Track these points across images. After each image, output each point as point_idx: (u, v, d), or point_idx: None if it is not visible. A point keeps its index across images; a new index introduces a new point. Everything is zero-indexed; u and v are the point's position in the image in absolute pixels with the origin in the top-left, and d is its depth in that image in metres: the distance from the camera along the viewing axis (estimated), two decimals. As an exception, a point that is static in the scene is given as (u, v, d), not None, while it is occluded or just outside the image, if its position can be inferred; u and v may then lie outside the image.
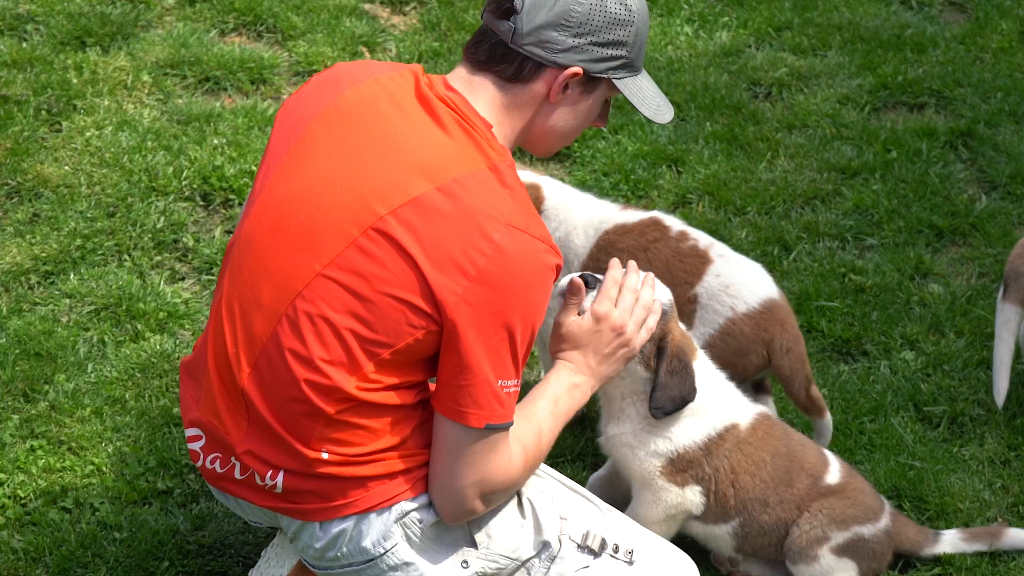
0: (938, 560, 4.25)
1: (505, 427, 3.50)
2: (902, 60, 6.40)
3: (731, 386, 4.10)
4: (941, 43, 6.53)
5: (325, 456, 3.51)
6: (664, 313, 3.92)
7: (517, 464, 3.61)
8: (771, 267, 5.27)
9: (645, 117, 3.78)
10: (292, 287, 3.49)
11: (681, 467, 4.03)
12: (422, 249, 3.41)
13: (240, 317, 3.56)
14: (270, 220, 3.57)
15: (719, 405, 4.05)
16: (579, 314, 3.85)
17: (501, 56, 3.57)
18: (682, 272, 4.46)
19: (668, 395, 3.93)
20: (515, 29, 3.54)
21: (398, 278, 3.42)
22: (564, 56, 3.56)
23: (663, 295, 3.95)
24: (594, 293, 3.85)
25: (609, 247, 4.50)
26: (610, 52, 3.61)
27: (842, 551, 4.08)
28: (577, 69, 3.57)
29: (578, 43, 3.56)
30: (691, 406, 3.98)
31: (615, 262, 3.90)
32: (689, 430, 4.02)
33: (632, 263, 3.90)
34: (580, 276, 3.92)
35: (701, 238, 4.52)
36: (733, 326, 4.43)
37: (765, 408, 4.15)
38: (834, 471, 4.14)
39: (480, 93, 3.60)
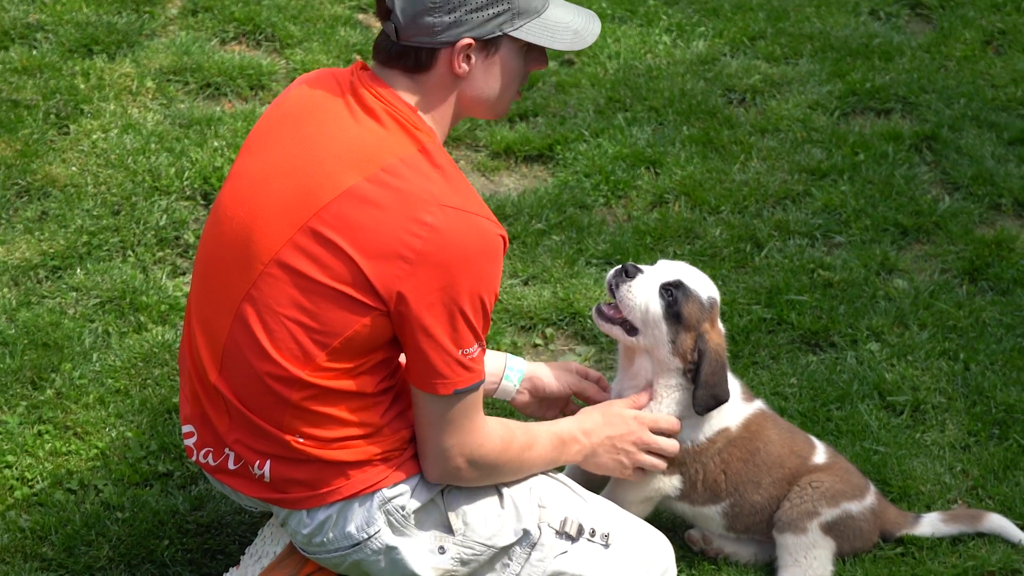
0: (900, 539, 4.26)
1: (474, 388, 3.51)
2: (870, 68, 6.41)
3: (736, 384, 4.12)
4: (907, 52, 6.55)
5: (301, 440, 3.53)
6: (704, 306, 3.95)
7: (495, 438, 3.63)
8: (743, 263, 5.30)
9: (563, 51, 3.70)
10: (240, 289, 3.51)
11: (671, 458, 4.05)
12: (356, 243, 3.40)
13: (203, 321, 3.61)
14: (215, 232, 3.61)
15: (714, 414, 4.06)
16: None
17: (399, 53, 3.51)
18: None
19: (710, 393, 3.93)
20: (396, 27, 3.48)
21: (335, 273, 3.42)
22: (447, 34, 3.47)
23: (709, 290, 3.98)
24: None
25: None
26: (490, 12, 3.49)
27: (829, 528, 4.09)
28: (466, 40, 3.49)
29: (455, 18, 3.46)
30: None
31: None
32: (692, 429, 4.04)
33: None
34: (623, 267, 3.96)
35: None
36: None
37: (760, 404, 4.17)
38: (820, 452, 4.17)
39: (397, 84, 3.54)
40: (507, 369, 4.09)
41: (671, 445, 3.96)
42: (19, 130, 5.71)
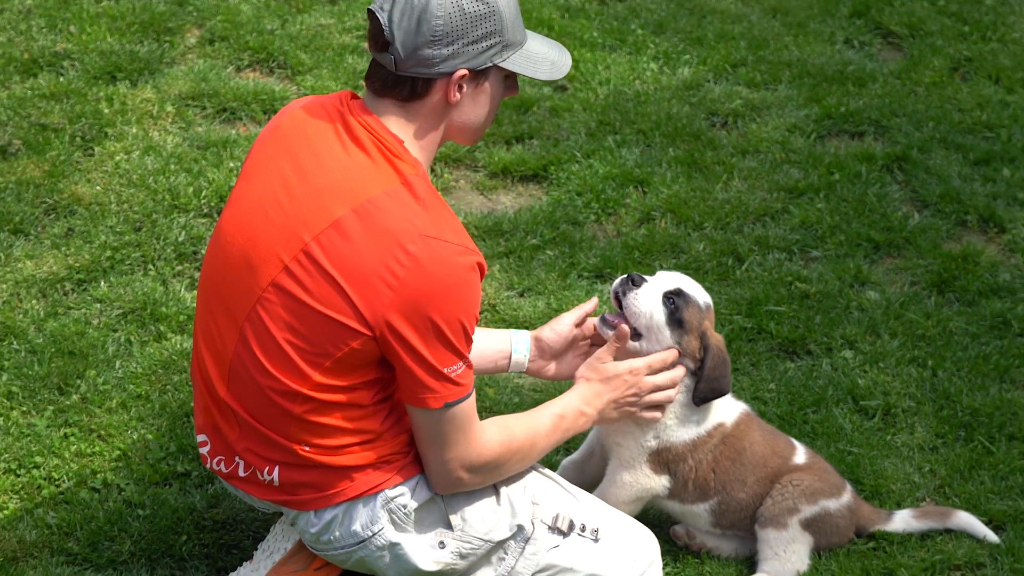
0: (872, 535, 4.28)
1: (464, 399, 3.52)
2: (844, 93, 6.42)
3: None
4: (879, 78, 6.56)
5: (307, 449, 3.54)
6: (702, 310, 3.98)
7: (493, 444, 3.63)
8: (725, 276, 5.31)
9: (541, 80, 3.73)
10: (240, 312, 3.53)
11: (666, 459, 4.06)
12: (344, 271, 3.43)
13: (208, 341, 3.63)
14: (217, 256, 3.63)
15: (712, 406, 4.09)
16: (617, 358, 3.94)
17: (394, 83, 3.53)
18: None
19: (711, 387, 3.96)
20: (395, 59, 3.50)
21: (325, 299, 3.44)
22: (445, 65, 3.50)
23: (704, 296, 4.02)
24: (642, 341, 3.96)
25: None
26: (484, 44, 3.52)
27: (808, 524, 4.11)
28: (462, 71, 3.52)
29: (452, 50, 3.49)
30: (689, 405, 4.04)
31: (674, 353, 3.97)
32: (680, 428, 4.06)
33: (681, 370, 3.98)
34: (629, 277, 3.98)
35: None
36: None
37: (745, 406, 4.20)
38: (800, 453, 4.19)
39: (387, 114, 3.56)
40: (513, 344, 4.09)
41: (674, 375, 3.96)
42: (47, 152, 5.72)
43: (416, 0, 3.47)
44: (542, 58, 3.64)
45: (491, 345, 4.07)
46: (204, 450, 3.74)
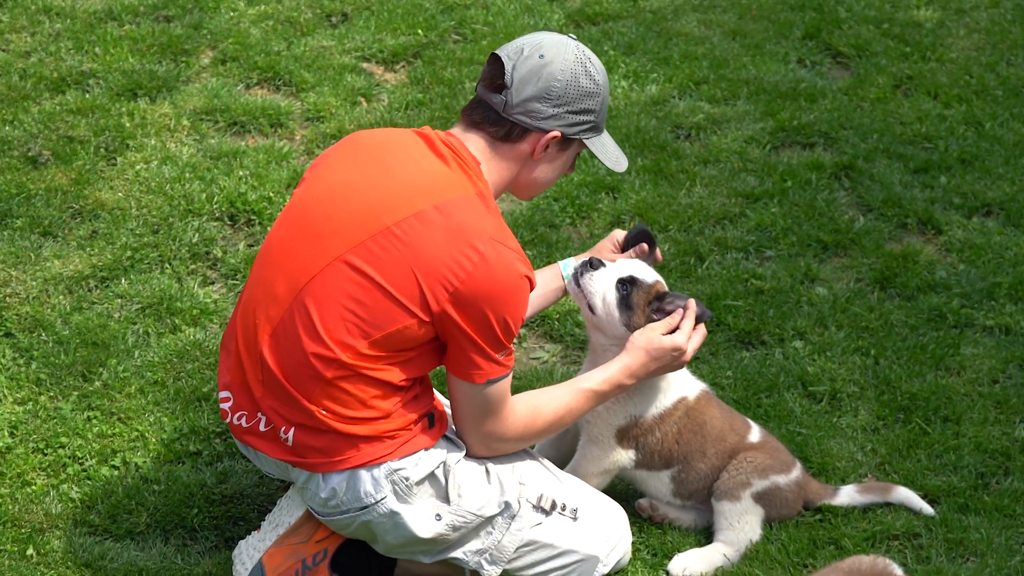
0: (819, 508, 4.29)
1: (503, 378, 3.59)
2: (797, 108, 6.42)
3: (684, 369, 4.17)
4: (829, 94, 6.56)
5: (323, 412, 3.56)
6: (649, 286, 4.00)
7: (520, 420, 3.71)
8: (688, 274, 5.32)
9: (607, 167, 3.84)
10: (302, 277, 3.55)
11: (633, 434, 4.07)
12: (417, 257, 3.47)
13: (263, 300, 3.63)
14: (291, 220, 3.65)
15: (674, 383, 4.11)
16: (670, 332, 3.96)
17: (494, 121, 3.62)
18: None
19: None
20: (506, 102, 3.58)
21: (394, 279, 3.48)
22: (546, 122, 3.61)
23: (654, 276, 4.04)
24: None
25: None
26: (582, 118, 3.65)
27: (759, 497, 4.13)
28: (556, 133, 3.62)
29: (557, 112, 3.60)
30: (657, 384, 4.06)
31: (693, 302, 3.97)
32: (649, 404, 4.07)
33: (693, 301, 3.98)
34: (589, 260, 4.00)
35: None
36: None
37: (706, 385, 4.23)
38: (755, 432, 4.22)
39: (472, 143, 3.64)
40: (564, 271, 4.18)
41: (699, 333, 3.98)
42: (73, 162, 5.72)
43: (543, 59, 3.58)
44: (611, 150, 3.78)
45: (547, 281, 4.17)
46: (226, 405, 3.75)
